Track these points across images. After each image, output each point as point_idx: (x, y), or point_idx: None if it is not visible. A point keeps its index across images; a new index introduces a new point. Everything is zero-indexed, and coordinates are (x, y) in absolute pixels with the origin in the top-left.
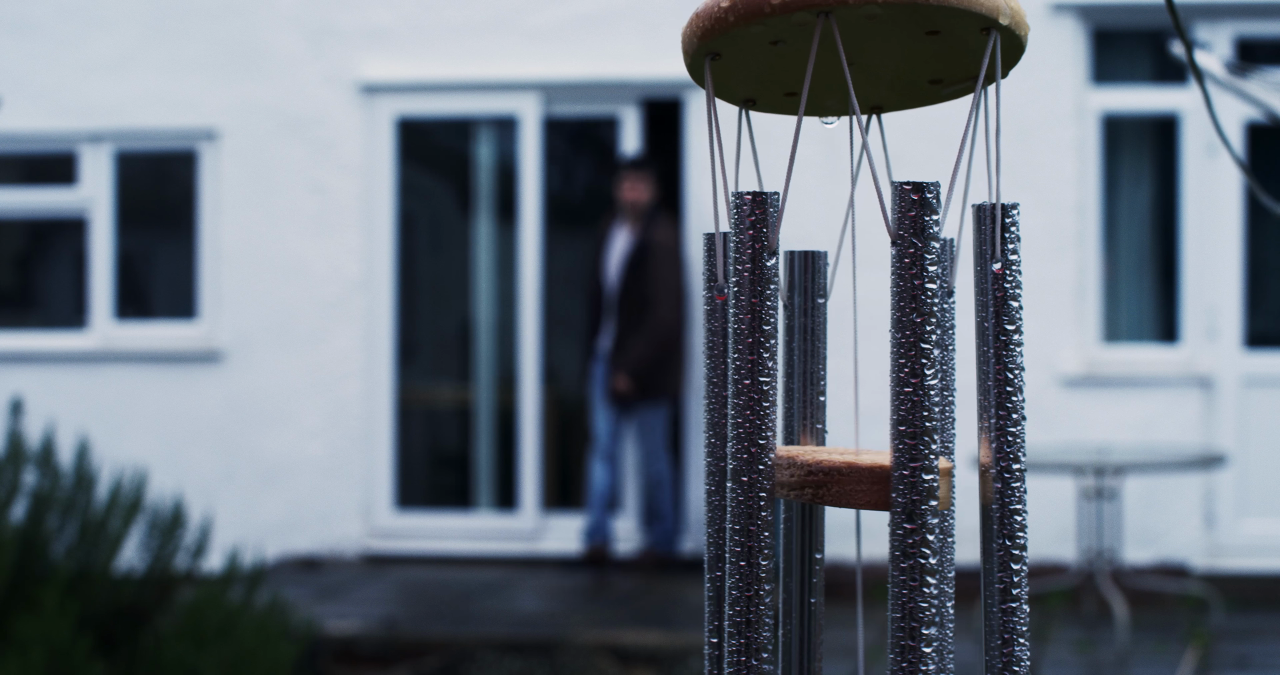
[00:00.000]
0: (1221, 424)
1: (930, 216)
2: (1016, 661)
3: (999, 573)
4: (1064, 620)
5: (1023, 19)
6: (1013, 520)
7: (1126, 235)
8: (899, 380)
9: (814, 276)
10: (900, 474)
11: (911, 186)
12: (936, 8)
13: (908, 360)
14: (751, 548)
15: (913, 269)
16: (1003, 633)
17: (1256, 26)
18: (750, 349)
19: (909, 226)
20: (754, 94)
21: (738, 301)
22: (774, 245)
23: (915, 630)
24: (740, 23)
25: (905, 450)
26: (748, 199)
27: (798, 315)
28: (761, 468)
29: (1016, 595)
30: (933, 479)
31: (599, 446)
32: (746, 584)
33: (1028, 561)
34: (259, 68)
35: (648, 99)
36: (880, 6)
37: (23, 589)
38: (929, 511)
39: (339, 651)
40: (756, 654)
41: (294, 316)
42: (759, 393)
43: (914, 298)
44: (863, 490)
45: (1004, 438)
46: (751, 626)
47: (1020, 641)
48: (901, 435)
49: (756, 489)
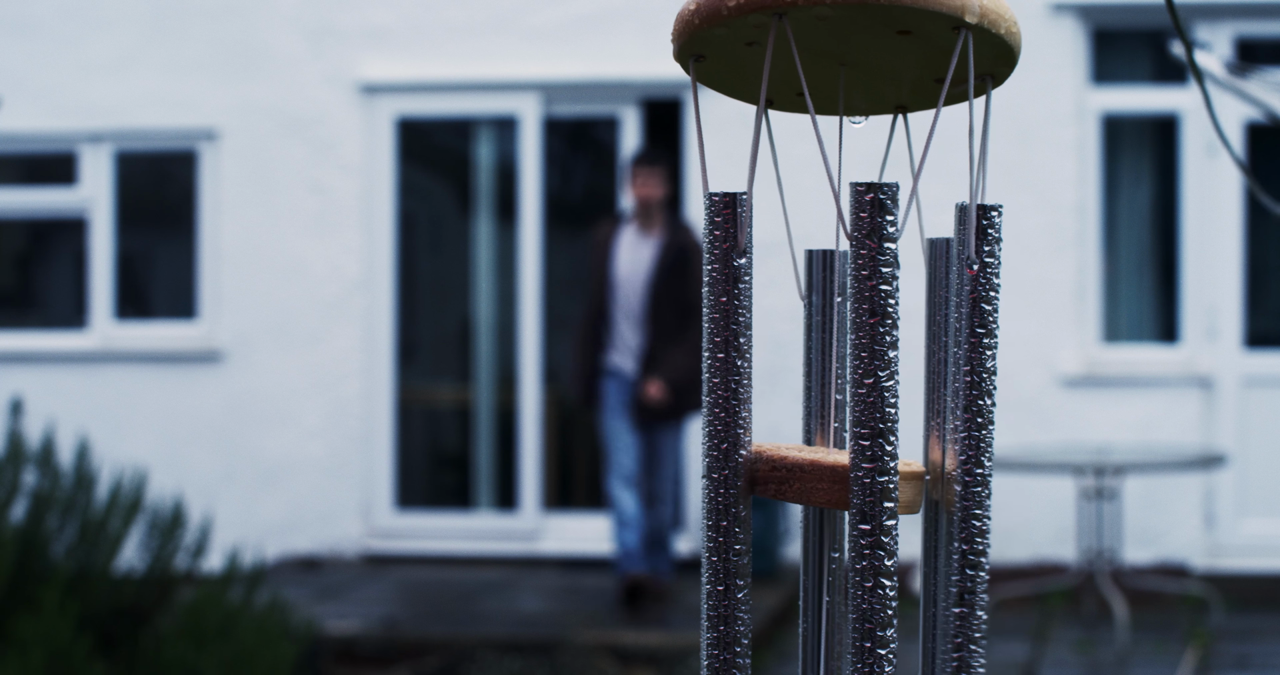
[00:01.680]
0: (1221, 424)
1: (885, 217)
2: (967, 667)
3: (955, 576)
4: (1064, 620)
5: (1000, 17)
6: (972, 525)
7: (1126, 235)
8: (854, 381)
9: (832, 275)
10: (856, 475)
11: (865, 187)
12: (889, 7)
13: (862, 362)
14: (725, 543)
15: (866, 270)
16: (955, 637)
17: (1256, 26)
18: (721, 347)
19: (863, 227)
20: (772, 93)
21: (708, 301)
22: (742, 245)
23: (872, 632)
24: (705, 25)
25: (861, 451)
26: (717, 199)
27: (815, 314)
28: (734, 464)
29: (970, 601)
30: (889, 480)
31: (622, 471)
32: (719, 579)
33: (987, 567)
34: (259, 68)
35: (648, 99)
36: (830, 7)
37: (23, 589)
38: (885, 513)
39: (339, 651)
40: (731, 647)
41: (294, 316)
42: (730, 391)
43: (869, 299)
44: (823, 488)
45: (969, 441)
46: (726, 620)
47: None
48: (858, 436)
49: (729, 485)
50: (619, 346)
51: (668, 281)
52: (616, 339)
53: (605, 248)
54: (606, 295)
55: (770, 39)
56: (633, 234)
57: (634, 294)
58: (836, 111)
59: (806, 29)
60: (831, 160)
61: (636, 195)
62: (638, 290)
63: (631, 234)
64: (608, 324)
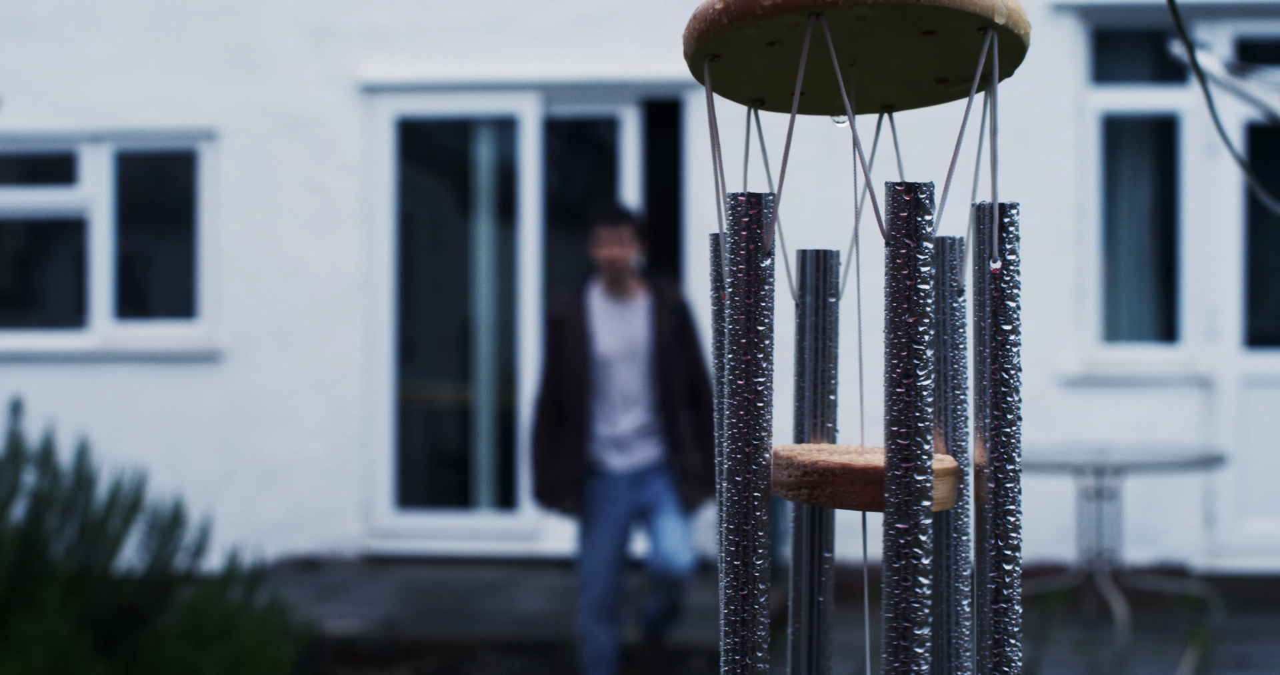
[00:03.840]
0: (1221, 424)
1: (923, 217)
2: (1007, 662)
3: (991, 572)
4: (1064, 620)
5: (1021, 18)
6: (1006, 520)
7: (1126, 235)
8: (892, 381)
9: (826, 276)
10: (893, 474)
11: (904, 187)
12: (929, 8)
13: (901, 361)
14: (746, 547)
15: (905, 269)
16: (994, 633)
17: (1256, 26)
18: (745, 350)
19: (901, 227)
20: (762, 93)
21: (733, 302)
22: (769, 246)
23: (908, 631)
24: (734, 24)
25: (898, 450)
26: (742, 200)
27: (809, 314)
28: (756, 468)
29: (1008, 595)
30: (925, 479)
31: (600, 602)
32: (741, 583)
33: (1021, 562)
34: (259, 68)
35: (648, 99)
36: (870, 7)
37: (23, 589)
38: (921, 512)
39: (339, 651)
40: (752, 652)
41: (294, 316)
42: (754, 393)
43: (907, 298)
44: (856, 491)
45: (999, 438)
46: (747, 625)
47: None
48: (895, 435)
49: (751, 488)
50: (601, 439)
51: (673, 347)
52: (596, 430)
53: (575, 324)
54: (585, 378)
55: (806, 38)
56: (605, 303)
57: (630, 371)
58: (824, 112)
59: (834, 28)
60: (840, 161)
61: (603, 259)
62: (637, 365)
63: (603, 303)
64: (583, 414)
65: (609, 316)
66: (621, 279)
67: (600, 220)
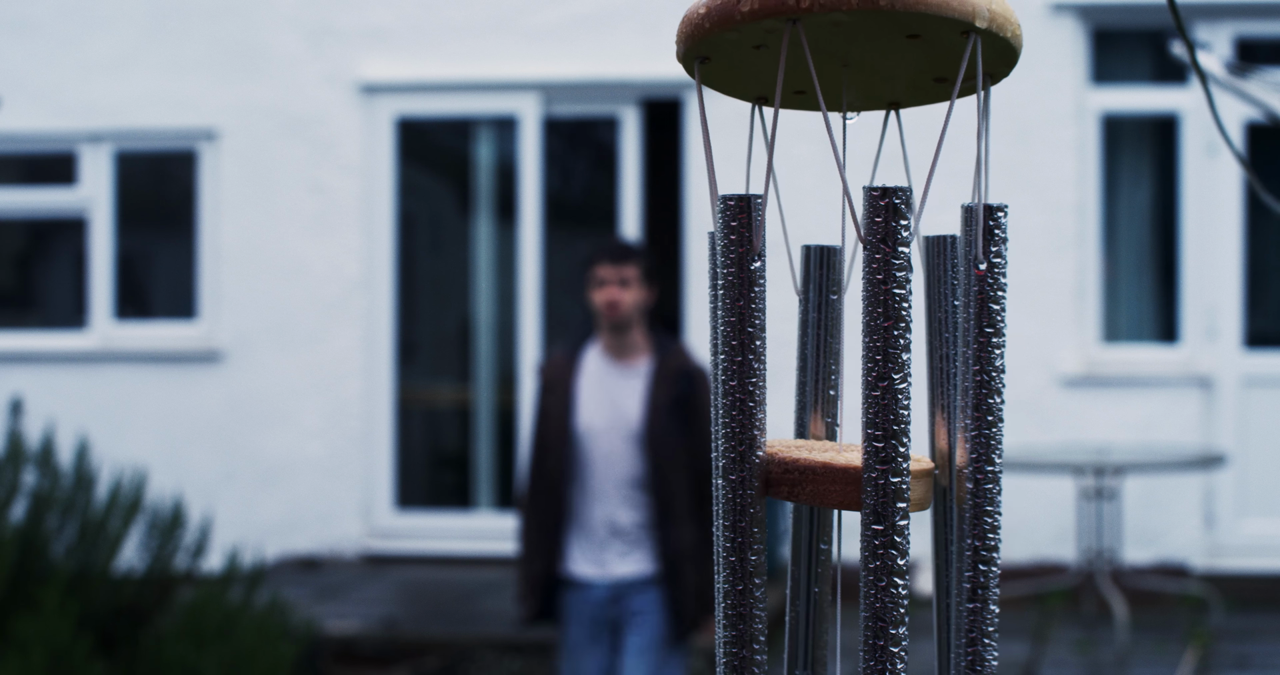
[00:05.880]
0: (1221, 424)
1: (899, 222)
2: (981, 661)
3: (968, 572)
4: (1064, 620)
5: (1006, 21)
6: (984, 521)
7: (1126, 235)
8: (869, 384)
9: (829, 271)
10: (869, 476)
11: (879, 191)
12: (905, 14)
13: (876, 365)
14: (741, 543)
15: (880, 274)
16: (969, 632)
17: (1256, 26)
18: (736, 351)
19: (878, 231)
20: (764, 92)
21: (723, 304)
22: (758, 248)
23: (884, 630)
24: (716, 29)
25: (874, 453)
26: (732, 202)
27: (812, 310)
28: (749, 465)
29: (984, 595)
30: (901, 481)
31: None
32: (737, 578)
33: (999, 563)
34: (259, 68)
35: (648, 99)
36: (846, 14)
37: (23, 589)
38: (897, 513)
39: (339, 651)
40: (749, 645)
41: (294, 316)
42: (745, 393)
43: (883, 303)
44: (836, 490)
45: (980, 439)
46: (744, 619)
47: (985, 641)
48: (871, 438)
49: (745, 486)
50: (579, 541)
51: (670, 431)
52: (576, 528)
53: (560, 388)
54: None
55: (784, 44)
56: (600, 363)
57: (616, 452)
58: (829, 109)
59: (816, 32)
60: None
61: (601, 303)
62: (625, 445)
63: (598, 364)
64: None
65: (599, 382)
66: (624, 332)
67: (599, 257)
